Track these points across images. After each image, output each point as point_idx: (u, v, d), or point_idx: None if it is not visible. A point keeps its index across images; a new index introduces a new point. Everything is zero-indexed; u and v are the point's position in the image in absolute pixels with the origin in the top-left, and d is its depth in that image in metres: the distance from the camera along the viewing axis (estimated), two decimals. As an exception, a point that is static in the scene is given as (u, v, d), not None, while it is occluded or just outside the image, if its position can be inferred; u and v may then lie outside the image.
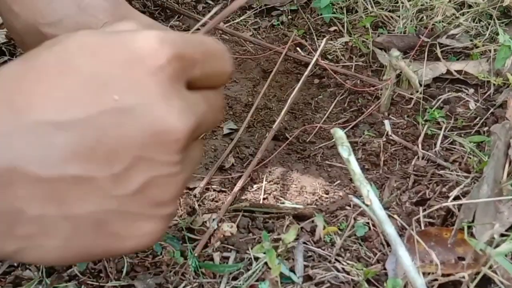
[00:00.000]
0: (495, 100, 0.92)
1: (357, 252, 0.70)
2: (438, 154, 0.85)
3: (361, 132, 0.92)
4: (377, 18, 1.09)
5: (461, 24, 1.04)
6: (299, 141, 0.93)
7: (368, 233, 0.72)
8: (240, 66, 1.11)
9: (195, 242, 0.73)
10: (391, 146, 0.89)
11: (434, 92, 0.96)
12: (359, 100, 0.98)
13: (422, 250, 0.63)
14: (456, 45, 1.00)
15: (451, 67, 0.98)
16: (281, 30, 1.17)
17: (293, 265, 0.67)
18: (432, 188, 0.79)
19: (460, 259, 0.66)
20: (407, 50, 1.02)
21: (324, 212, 0.77)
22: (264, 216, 0.77)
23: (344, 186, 0.83)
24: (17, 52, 1.01)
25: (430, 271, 0.61)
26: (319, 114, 0.99)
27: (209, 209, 0.79)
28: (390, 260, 0.64)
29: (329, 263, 0.67)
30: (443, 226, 0.72)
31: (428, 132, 0.89)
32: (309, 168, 0.88)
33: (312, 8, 1.16)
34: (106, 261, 0.70)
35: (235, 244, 0.72)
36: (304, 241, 0.71)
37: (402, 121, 0.93)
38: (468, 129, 0.89)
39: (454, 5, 1.08)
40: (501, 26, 1.02)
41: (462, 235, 0.66)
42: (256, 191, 0.83)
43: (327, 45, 1.10)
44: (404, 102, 0.96)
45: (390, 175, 0.84)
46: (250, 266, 0.69)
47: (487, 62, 0.97)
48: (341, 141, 0.48)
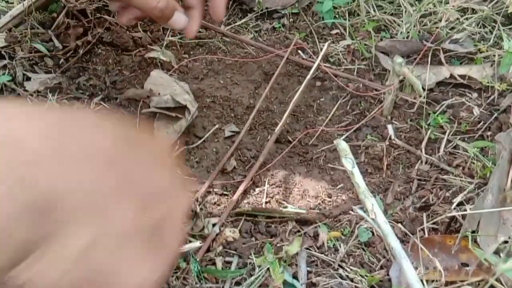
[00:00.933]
0: (499, 105, 0.92)
1: (361, 257, 0.69)
2: (442, 159, 0.85)
3: (363, 135, 0.92)
4: (380, 22, 1.08)
5: (465, 29, 1.03)
6: (301, 144, 0.93)
7: (371, 238, 0.72)
8: (241, 68, 1.10)
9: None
10: (394, 150, 0.88)
11: (437, 96, 0.96)
12: (362, 104, 0.98)
13: (426, 257, 0.62)
14: (460, 50, 1.00)
15: (455, 72, 0.97)
16: (283, 33, 1.16)
17: (296, 271, 0.67)
18: (435, 193, 0.79)
19: (463, 265, 0.65)
20: (410, 54, 1.02)
21: (327, 217, 0.77)
22: (266, 221, 0.77)
23: (347, 190, 0.83)
24: (16, 56, 1.00)
25: (433, 278, 0.61)
26: (321, 117, 0.98)
27: (210, 213, 0.79)
28: (394, 267, 0.64)
29: (332, 270, 0.67)
30: (446, 232, 0.71)
31: (432, 137, 0.88)
32: (312, 171, 0.88)
33: (314, 11, 1.16)
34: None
35: (237, 249, 0.72)
36: (307, 247, 0.71)
37: (405, 125, 0.92)
38: (471, 134, 0.89)
39: (458, 10, 1.07)
40: (505, 31, 1.02)
41: (465, 242, 0.66)
42: (259, 195, 0.83)
43: (329, 48, 1.09)
44: (407, 106, 0.95)
45: (394, 179, 0.83)
46: (253, 271, 0.68)
47: (491, 67, 0.97)
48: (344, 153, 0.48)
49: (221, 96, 1.03)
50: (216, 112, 1.00)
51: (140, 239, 0.34)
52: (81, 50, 1.03)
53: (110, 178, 0.33)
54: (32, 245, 0.30)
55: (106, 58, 1.04)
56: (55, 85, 0.95)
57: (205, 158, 0.90)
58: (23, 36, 1.04)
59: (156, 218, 0.35)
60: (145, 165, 0.36)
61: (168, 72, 1.04)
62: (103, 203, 0.32)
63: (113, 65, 1.03)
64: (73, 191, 0.31)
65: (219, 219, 0.76)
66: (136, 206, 0.34)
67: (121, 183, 0.34)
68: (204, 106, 1.01)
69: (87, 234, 0.32)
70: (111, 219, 0.33)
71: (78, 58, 1.02)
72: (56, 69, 1.00)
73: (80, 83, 0.98)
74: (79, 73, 1.01)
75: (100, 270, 0.33)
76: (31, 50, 1.01)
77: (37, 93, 0.93)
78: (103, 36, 1.07)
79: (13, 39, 1.03)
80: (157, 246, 0.35)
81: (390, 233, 0.46)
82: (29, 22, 1.06)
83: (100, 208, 0.32)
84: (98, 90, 0.98)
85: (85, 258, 0.32)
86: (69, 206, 0.31)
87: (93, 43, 1.05)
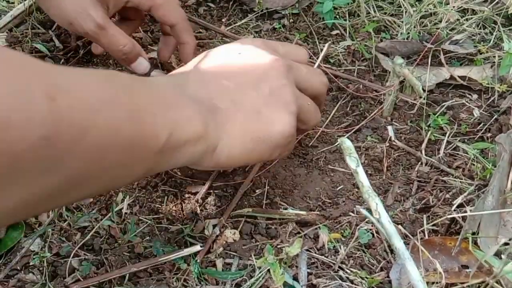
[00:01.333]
0: (499, 106, 0.92)
1: (361, 259, 0.69)
2: (442, 160, 0.85)
3: (364, 137, 0.92)
4: (380, 23, 1.09)
5: (465, 30, 1.03)
6: (301, 145, 0.93)
7: (371, 240, 0.72)
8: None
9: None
10: (394, 151, 0.88)
11: (437, 97, 0.96)
12: (362, 105, 0.98)
13: (426, 259, 0.62)
14: (460, 51, 1.00)
15: (455, 73, 0.97)
16: (283, 33, 1.16)
17: (296, 272, 0.67)
18: (435, 194, 0.79)
19: (464, 267, 0.66)
20: (410, 55, 1.02)
21: (327, 218, 0.77)
22: (266, 222, 0.77)
23: (347, 191, 0.83)
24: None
25: (433, 280, 0.61)
26: (322, 118, 0.98)
27: (210, 214, 0.79)
28: (394, 269, 0.64)
29: (333, 271, 0.67)
30: (447, 234, 0.72)
31: (432, 138, 0.88)
32: (312, 172, 0.88)
33: (314, 11, 1.16)
34: (109, 266, 0.70)
35: (237, 251, 0.72)
36: (307, 248, 0.71)
37: (405, 126, 0.92)
38: (471, 135, 0.89)
39: (458, 10, 1.07)
40: (505, 32, 1.02)
41: (465, 243, 0.66)
42: (259, 196, 0.83)
43: (330, 49, 1.09)
44: (407, 107, 0.95)
45: (394, 181, 0.83)
46: (253, 273, 0.69)
47: (491, 68, 0.97)
48: (349, 151, 0.48)
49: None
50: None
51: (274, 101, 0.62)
52: (81, 50, 1.03)
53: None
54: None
55: (106, 58, 1.04)
56: (55, 86, 0.96)
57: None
58: (24, 36, 1.04)
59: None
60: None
61: (168, 73, 1.04)
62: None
63: (113, 65, 1.03)
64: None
65: (219, 221, 0.76)
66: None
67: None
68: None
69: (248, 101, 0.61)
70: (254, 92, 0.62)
71: (78, 59, 1.02)
72: (56, 69, 1.00)
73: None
74: (79, 73, 1.01)
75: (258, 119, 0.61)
76: (32, 50, 1.01)
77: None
78: (103, 37, 1.07)
79: (14, 39, 1.03)
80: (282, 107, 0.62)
81: (394, 233, 0.46)
82: (30, 22, 1.06)
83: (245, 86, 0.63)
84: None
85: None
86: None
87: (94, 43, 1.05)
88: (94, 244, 0.72)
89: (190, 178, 0.86)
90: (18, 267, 0.69)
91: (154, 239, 0.74)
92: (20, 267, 0.69)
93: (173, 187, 0.84)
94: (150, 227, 0.76)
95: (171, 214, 0.79)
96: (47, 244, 0.72)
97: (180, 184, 0.85)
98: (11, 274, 0.68)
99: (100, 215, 0.77)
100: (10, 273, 0.68)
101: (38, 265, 0.70)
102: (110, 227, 0.74)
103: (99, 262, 0.70)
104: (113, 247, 0.72)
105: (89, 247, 0.72)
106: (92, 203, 0.78)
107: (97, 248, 0.72)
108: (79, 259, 0.70)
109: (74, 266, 0.70)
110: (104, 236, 0.73)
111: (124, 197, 0.79)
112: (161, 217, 0.78)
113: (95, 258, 0.71)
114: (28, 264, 0.70)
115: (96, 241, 0.72)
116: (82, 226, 0.74)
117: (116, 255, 0.71)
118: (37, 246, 0.72)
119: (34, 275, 0.68)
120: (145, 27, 1.14)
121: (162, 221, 0.78)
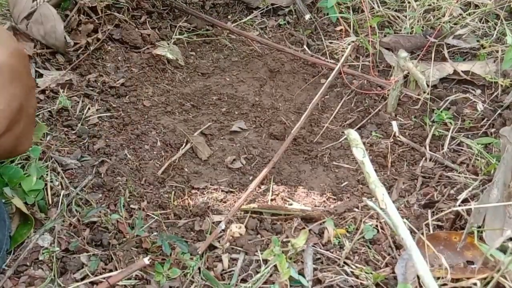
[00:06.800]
0: (503, 101, 0.92)
1: (366, 255, 0.70)
2: (446, 156, 0.85)
3: (368, 132, 0.92)
4: (384, 18, 1.09)
5: (468, 25, 1.03)
6: (306, 141, 0.94)
7: (376, 236, 0.72)
8: (247, 66, 1.11)
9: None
10: (398, 147, 0.89)
11: (441, 92, 0.96)
12: (366, 100, 0.98)
13: (431, 254, 0.63)
14: (463, 45, 1.00)
15: (458, 68, 0.97)
16: (288, 29, 1.17)
17: (302, 267, 0.68)
18: (440, 190, 0.79)
19: (469, 263, 0.66)
20: (414, 50, 1.02)
21: (332, 214, 0.78)
22: (272, 218, 0.78)
23: (352, 187, 0.84)
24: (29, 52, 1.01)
25: (439, 275, 0.61)
26: (326, 114, 0.99)
27: (217, 210, 0.80)
28: (400, 264, 0.64)
29: (338, 267, 0.68)
30: (451, 229, 0.72)
31: (436, 133, 0.89)
32: (317, 169, 0.88)
33: (319, 7, 1.16)
34: (117, 261, 0.70)
35: (243, 246, 0.73)
36: (312, 244, 0.71)
37: (409, 122, 0.93)
38: (475, 130, 0.89)
39: (461, 4, 1.07)
40: (508, 26, 1.02)
41: (471, 238, 0.66)
42: (264, 192, 0.83)
43: (333, 45, 1.10)
44: (411, 103, 0.96)
45: (398, 176, 0.84)
46: (259, 268, 0.69)
47: (494, 63, 0.97)
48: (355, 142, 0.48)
49: (227, 94, 1.04)
50: (223, 109, 1.00)
51: None
52: (91, 46, 1.04)
53: None
54: None
55: (115, 55, 1.05)
56: (66, 82, 0.97)
57: (211, 156, 0.91)
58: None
59: None
60: None
61: (175, 70, 1.05)
62: None
63: (122, 62, 1.04)
64: None
65: (226, 216, 0.77)
66: None
67: None
68: (211, 104, 1.02)
69: None
70: None
71: (88, 55, 1.03)
72: (67, 65, 1.01)
73: (90, 80, 0.99)
74: (89, 70, 1.02)
75: None
76: (43, 46, 1.02)
77: (49, 89, 0.95)
78: (112, 33, 1.09)
79: (26, 36, 1.04)
80: None
81: (400, 223, 0.47)
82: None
83: None
84: (107, 88, 0.99)
85: None
86: None
87: (103, 40, 1.06)
88: (103, 240, 0.73)
89: (196, 175, 0.87)
90: (27, 262, 0.70)
91: (161, 234, 0.75)
92: (30, 262, 0.70)
93: (180, 183, 0.84)
94: (158, 222, 0.77)
95: (178, 209, 0.79)
96: (56, 239, 0.72)
97: (187, 179, 0.85)
98: (20, 270, 0.69)
99: (109, 210, 0.77)
100: (20, 269, 0.69)
101: (47, 260, 0.70)
102: (118, 222, 0.75)
103: (107, 258, 0.71)
104: (121, 242, 0.73)
105: (98, 242, 0.73)
106: (101, 199, 0.79)
107: (105, 243, 0.72)
108: (88, 255, 0.71)
109: (82, 261, 0.70)
110: (113, 231, 0.74)
111: (131, 192, 0.80)
112: (168, 213, 0.79)
113: (104, 254, 0.71)
114: (38, 260, 0.71)
115: (105, 236, 0.73)
116: (91, 221, 0.75)
117: (124, 250, 0.71)
118: (46, 242, 0.72)
119: (43, 271, 0.69)
120: (153, 24, 1.15)
121: (169, 216, 0.79)
